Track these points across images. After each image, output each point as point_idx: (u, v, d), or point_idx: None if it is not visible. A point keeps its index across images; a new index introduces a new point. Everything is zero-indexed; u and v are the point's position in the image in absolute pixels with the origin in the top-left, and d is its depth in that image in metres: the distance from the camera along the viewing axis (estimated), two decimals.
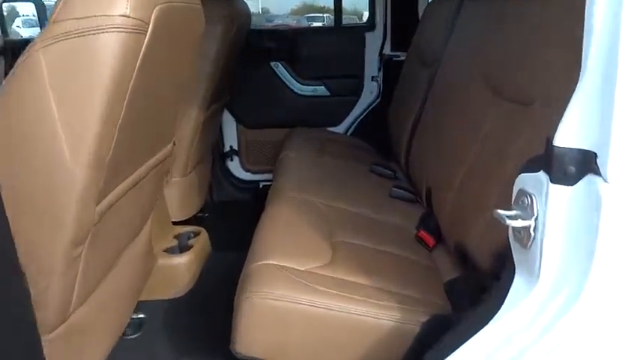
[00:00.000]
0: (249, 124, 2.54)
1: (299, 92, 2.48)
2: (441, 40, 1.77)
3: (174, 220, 1.86)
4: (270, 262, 1.03)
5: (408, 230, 1.40)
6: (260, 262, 1.03)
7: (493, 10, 1.39)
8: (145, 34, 0.88)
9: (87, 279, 1.04)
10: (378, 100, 2.50)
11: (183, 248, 1.72)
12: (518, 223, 0.68)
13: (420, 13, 2.35)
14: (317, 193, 1.50)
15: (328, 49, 2.47)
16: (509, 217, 0.70)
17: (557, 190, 0.64)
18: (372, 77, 2.49)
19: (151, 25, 0.88)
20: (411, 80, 2.06)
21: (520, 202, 0.70)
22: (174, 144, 1.63)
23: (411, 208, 1.56)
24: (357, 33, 2.48)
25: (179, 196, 1.89)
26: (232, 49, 1.95)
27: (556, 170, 0.64)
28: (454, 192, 1.22)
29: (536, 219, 0.67)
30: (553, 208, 0.65)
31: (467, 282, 1.07)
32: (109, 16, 0.82)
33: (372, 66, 2.48)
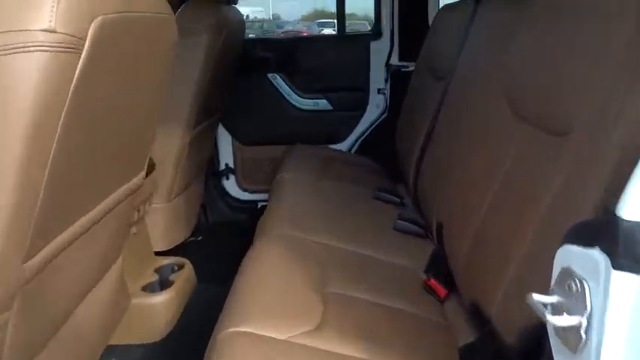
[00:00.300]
0: (245, 141, 2.36)
1: (299, 106, 2.29)
2: (454, 50, 1.57)
3: (157, 250, 1.69)
4: (245, 329, 0.84)
5: (415, 274, 1.20)
6: (232, 330, 0.84)
7: (513, 17, 1.20)
8: (80, 52, 0.70)
9: (25, 345, 0.86)
10: (385, 114, 2.31)
11: (164, 284, 1.54)
12: (563, 321, 0.49)
13: (431, 20, 2.16)
14: (311, 227, 1.31)
15: (331, 59, 2.28)
16: (549, 308, 0.50)
17: (623, 280, 0.45)
18: (379, 90, 2.30)
19: (88, 41, 0.71)
20: (420, 94, 1.87)
21: (565, 287, 0.51)
22: (151, 170, 1.46)
23: (419, 243, 1.37)
24: (361, 42, 2.29)
25: (163, 224, 1.71)
26: (222, 60, 1.78)
27: (622, 252, 0.44)
28: (470, 237, 1.02)
29: (589, 316, 0.47)
30: (616, 304, 0.46)
31: (487, 351, 0.87)
32: (28, 31, 0.64)
33: (378, 77, 2.29)
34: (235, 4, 1.94)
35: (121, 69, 0.88)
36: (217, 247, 2.13)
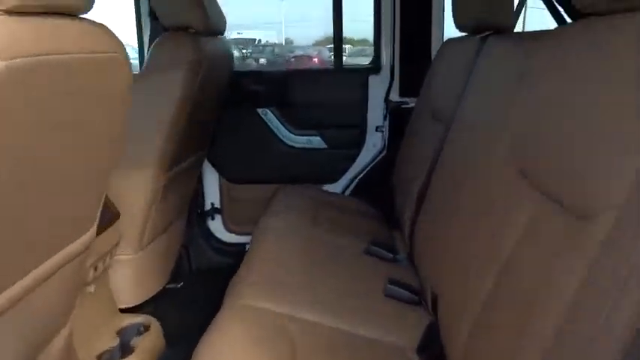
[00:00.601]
0: (233, 179, 2.20)
1: (291, 143, 2.14)
2: (455, 90, 1.42)
3: (124, 306, 1.52)
4: None
5: (404, 356, 1.02)
6: None
7: (520, 60, 1.04)
8: None
9: None
10: (383, 153, 2.15)
11: (126, 349, 1.36)
12: None
13: (434, 54, 2.02)
14: (287, 295, 1.15)
15: (326, 94, 2.13)
16: None
17: None
18: (377, 127, 2.14)
19: None
20: (419, 136, 1.71)
21: None
22: (113, 221, 1.30)
23: (412, 313, 1.19)
24: (359, 76, 2.14)
25: (132, 277, 1.55)
26: (204, 96, 1.64)
27: None
28: (469, 323, 0.84)
29: None
30: None
31: None
32: None
33: (376, 114, 2.13)
34: (221, 35, 1.81)
35: (43, 118, 0.73)
36: (199, 295, 1.95)
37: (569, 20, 1.66)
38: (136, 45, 2.16)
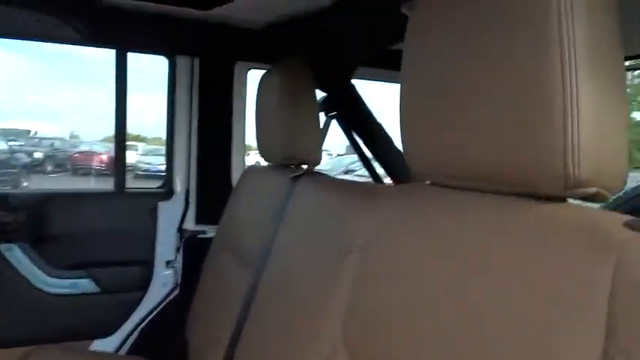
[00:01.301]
0: None
1: (48, 289, 1.60)
2: (264, 232, 1.20)
3: None
4: None
5: None
6: None
7: (348, 210, 0.87)
8: None
9: None
10: (176, 293, 1.78)
11: None
12: None
13: (235, 179, 1.82)
14: None
15: (100, 223, 1.71)
16: None
17: None
18: (167, 262, 1.78)
19: None
20: (221, 278, 1.43)
21: None
22: None
23: None
24: (146, 201, 1.79)
25: None
26: None
27: None
28: None
29: None
30: None
31: None
32: None
33: (167, 246, 1.78)
34: None
35: None
36: None
37: None
38: None
